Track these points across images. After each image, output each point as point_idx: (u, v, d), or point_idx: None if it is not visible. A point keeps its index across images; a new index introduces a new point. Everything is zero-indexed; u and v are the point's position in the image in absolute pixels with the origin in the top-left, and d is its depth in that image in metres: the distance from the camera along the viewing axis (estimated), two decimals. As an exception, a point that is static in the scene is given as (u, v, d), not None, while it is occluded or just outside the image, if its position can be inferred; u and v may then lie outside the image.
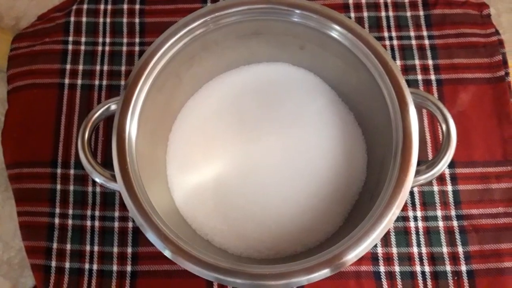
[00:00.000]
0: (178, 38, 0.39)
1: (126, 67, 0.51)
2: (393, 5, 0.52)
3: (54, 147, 0.48)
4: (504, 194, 0.46)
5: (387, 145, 0.37)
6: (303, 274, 0.33)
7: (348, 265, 0.33)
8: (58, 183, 0.47)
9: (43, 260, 0.46)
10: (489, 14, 0.51)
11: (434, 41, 0.50)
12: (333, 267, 0.33)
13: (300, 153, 0.44)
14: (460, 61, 0.50)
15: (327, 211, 0.43)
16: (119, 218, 0.46)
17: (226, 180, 0.44)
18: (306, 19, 0.39)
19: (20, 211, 0.47)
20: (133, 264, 0.45)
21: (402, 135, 0.35)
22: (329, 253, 0.33)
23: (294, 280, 0.33)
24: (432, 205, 0.46)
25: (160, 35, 0.39)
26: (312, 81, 0.47)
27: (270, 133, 0.45)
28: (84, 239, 0.46)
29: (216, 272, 0.33)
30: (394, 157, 0.35)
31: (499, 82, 0.49)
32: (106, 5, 0.53)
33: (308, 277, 0.33)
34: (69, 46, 0.51)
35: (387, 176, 0.35)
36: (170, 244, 0.34)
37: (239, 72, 0.47)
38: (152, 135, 0.42)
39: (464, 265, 0.44)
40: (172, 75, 0.41)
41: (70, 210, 0.47)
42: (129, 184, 0.35)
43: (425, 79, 0.49)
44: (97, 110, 0.38)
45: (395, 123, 0.36)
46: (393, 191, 0.34)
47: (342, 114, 0.45)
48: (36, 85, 0.50)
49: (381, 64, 0.37)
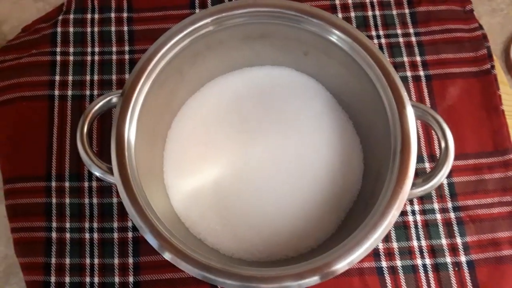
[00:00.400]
0: (183, 36, 0.39)
1: (116, 76, 0.50)
2: (379, 4, 0.53)
3: (48, 160, 0.47)
4: (497, 184, 0.47)
5: (385, 156, 0.38)
6: (293, 279, 0.33)
7: (338, 273, 0.33)
8: (54, 197, 0.47)
9: (42, 276, 0.45)
10: (471, 9, 0.52)
11: (420, 37, 0.51)
12: (323, 275, 0.33)
13: (296, 158, 0.44)
14: (447, 56, 0.51)
15: (321, 218, 0.43)
16: (118, 228, 0.46)
17: (222, 180, 0.44)
18: (313, 25, 0.39)
19: (15, 228, 0.46)
20: (135, 275, 0.45)
21: (400, 146, 0.36)
22: (320, 260, 0.34)
23: (284, 284, 0.33)
24: (428, 198, 0.47)
25: (160, 37, 0.39)
26: (313, 87, 0.47)
27: (268, 136, 0.45)
28: (84, 252, 0.45)
29: (207, 272, 0.33)
30: (391, 168, 0.36)
31: (486, 75, 0.50)
32: (93, 14, 0.52)
33: (298, 283, 0.33)
34: (57, 57, 0.51)
35: (383, 186, 0.36)
36: (161, 239, 0.34)
37: (242, 74, 0.48)
38: (151, 131, 0.42)
39: (463, 255, 0.45)
40: (175, 72, 0.41)
41: (68, 224, 0.46)
42: (125, 177, 0.35)
43: (414, 76, 0.50)
44: (98, 103, 0.38)
45: (394, 134, 0.37)
46: (388, 202, 0.35)
47: (341, 122, 0.46)
48: (25, 98, 0.49)
49: (384, 75, 0.37)
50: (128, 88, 0.37)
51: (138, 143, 0.37)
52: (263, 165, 0.44)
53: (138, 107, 0.38)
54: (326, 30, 0.39)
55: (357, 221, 0.36)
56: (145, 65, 0.38)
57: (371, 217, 0.35)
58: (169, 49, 0.39)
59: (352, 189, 0.44)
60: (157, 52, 0.38)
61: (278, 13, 0.39)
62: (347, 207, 0.44)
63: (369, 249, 0.34)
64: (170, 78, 0.41)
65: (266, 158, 0.44)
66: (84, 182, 0.47)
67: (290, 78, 0.47)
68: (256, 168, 0.44)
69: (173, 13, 0.52)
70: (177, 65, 0.41)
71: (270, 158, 0.44)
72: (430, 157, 0.48)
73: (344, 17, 0.52)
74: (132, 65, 0.51)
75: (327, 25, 0.39)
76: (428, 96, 0.49)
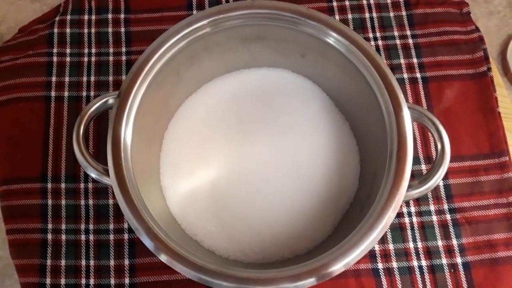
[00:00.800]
0: (180, 37, 0.39)
1: (113, 77, 0.50)
2: (376, 6, 0.53)
3: (43, 161, 0.47)
4: (493, 186, 0.47)
5: (381, 157, 0.38)
6: (290, 281, 0.33)
7: (334, 275, 0.33)
8: (49, 198, 0.46)
9: (37, 278, 0.44)
10: (468, 12, 0.53)
11: (417, 40, 0.52)
12: (319, 277, 0.33)
13: (293, 159, 0.44)
14: (444, 58, 0.51)
15: (317, 219, 0.43)
16: (114, 230, 0.46)
17: (218, 181, 0.44)
18: (309, 27, 0.40)
19: (10, 229, 0.46)
20: (131, 276, 0.44)
21: (396, 148, 0.36)
22: (316, 262, 0.34)
23: (280, 286, 0.33)
24: (425, 200, 0.47)
25: (157, 38, 0.39)
26: (310, 89, 0.47)
27: (264, 138, 0.45)
28: (79, 253, 0.45)
29: (203, 274, 0.33)
30: (388, 170, 0.36)
31: (482, 77, 0.50)
32: (90, 15, 0.52)
33: (294, 284, 0.33)
34: (54, 58, 0.51)
35: (379, 188, 0.36)
36: (157, 240, 0.34)
37: (239, 75, 0.48)
38: (148, 132, 0.42)
39: (459, 257, 0.45)
40: (172, 73, 0.41)
41: (63, 225, 0.46)
42: (121, 179, 0.35)
43: (410, 78, 0.50)
44: (94, 104, 0.38)
45: (391, 136, 0.37)
46: (384, 204, 0.35)
47: (338, 123, 0.46)
48: (22, 98, 0.49)
49: (381, 78, 0.37)
50: (124, 90, 0.37)
51: (134, 145, 0.37)
52: (260, 167, 0.44)
53: (135, 108, 0.38)
54: (323, 32, 0.39)
55: (354, 223, 0.36)
56: (142, 67, 0.38)
57: (367, 218, 0.35)
58: (166, 51, 0.39)
59: (349, 190, 0.44)
60: (154, 53, 0.38)
61: (275, 15, 0.39)
62: (343, 208, 0.44)
63: (365, 251, 0.34)
64: (167, 79, 0.41)
65: (263, 160, 0.44)
66: (80, 184, 0.47)
67: (287, 80, 0.47)
68: (253, 170, 0.44)
69: (170, 15, 0.52)
70: (174, 67, 0.41)
71: (267, 159, 0.44)
72: (426, 159, 0.48)
73: (341, 19, 0.52)
74: (129, 66, 0.50)
75: (324, 27, 0.39)
76: (425, 98, 0.50)
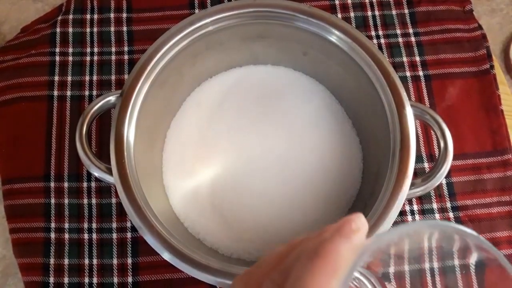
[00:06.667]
0: (183, 36, 0.39)
1: (116, 76, 0.50)
2: (378, 4, 0.53)
3: (46, 160, 0.47)
4: (496, 184, 0.47)
5: (384, 156, 0.38)
6: None
7: None
8: (52, 197, 0.46)
9: (40, 276, 0.44)
10: (471, 9, 0.52)
11: (420, 37, 0.51)
12: None
13: (295, 158, 0.44)
14: (446, 56, 0.51)
15: (320, 217, 0.43)
16: (117, 229, 0.46)
17: (221, 179, 0.44)
18: (311, 25, 0.40)
19: (13, 228, 0.46)
20: (134, 275, 0.44)
21: (399, 146, 0.36)
22: None
23: None
24: (427, 198, 0.47)
25: (159, 37, 0.39)
26: (312, 87, 0.47)
27: (267, 137, 0.45)
28: (82, 252, 0.45)
29: (206, 272, 0.33)
30: (390, 168, 0.36)
31: (485, 75, 0.50)
32: (93, 14, 0.52)
33: None
34: (57, 57, 0.51)
35: (382, 186, 0.36)
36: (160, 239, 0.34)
37: (241, 74, 0.47)
38: (150, 131, 0.42)
39: (462, 255, 0.45)
40: (174, 72, 0.41)
41: (66, 224, 0.46)
42: (124, 178, 0.35)
43: (413, 76, 0.50)
44: (97, 103, 0.38)
45: (393, 134, 0.37)
46: (387, 202, 0.35)
47: (340, 122, 0.46)
48: (24, 98, 0.49)
49: (383, 76, 0.37)
50: (127, 89, 0.37)
51: (137, 144, 0.38)
52: (262, 165, 0.44)
53: (137, 107, 0.38)
54: (325, 30, 0.39)
55: (356, 221, 0.36)
56: (145, 66, 0.38)
57: (370, 217, 0.35)
58: (168, 49, 0.39)
59: (351, 189, 0.44)
60: (156, 52, 0.39)
61: (277, 13, 0.40)
62: (346, 207, 0.44)
63: None
64: (170, 78, 0.41)
65: (265, 158, 0.44)
66: (83, 183, 0.47)
67: (289, 78, 0.47)
68: (255, 168, 0.44)
69: (173, 14, 0.52)
70: (176, 65, 0.41)
71: (269, 158, 0.44)
72: (429, 157, 0.48)
73: (344, 17, 0.52)
74: (131, 65, 0.50)
75: (326, 25, 0.39)
76: (427, 96, 0.49)
